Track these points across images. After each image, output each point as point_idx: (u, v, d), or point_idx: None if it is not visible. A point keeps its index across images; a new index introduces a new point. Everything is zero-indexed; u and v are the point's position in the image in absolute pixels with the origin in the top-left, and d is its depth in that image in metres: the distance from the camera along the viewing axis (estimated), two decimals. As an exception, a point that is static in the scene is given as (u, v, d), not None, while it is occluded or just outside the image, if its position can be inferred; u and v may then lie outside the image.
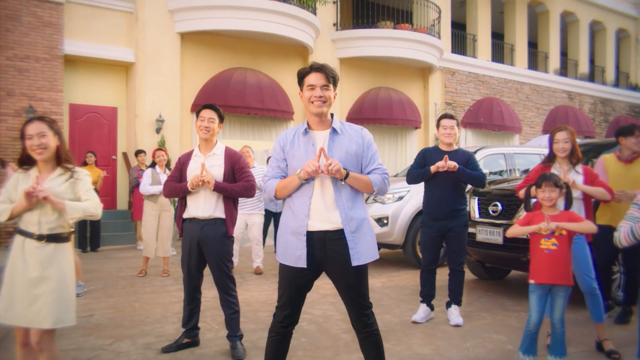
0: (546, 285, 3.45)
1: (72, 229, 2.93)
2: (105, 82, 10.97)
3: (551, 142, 4.08)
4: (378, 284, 6.63)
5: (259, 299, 5.70)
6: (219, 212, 3.90)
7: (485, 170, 8.58)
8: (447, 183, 4.73)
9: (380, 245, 8.01)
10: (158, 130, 10.70)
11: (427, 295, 4.90)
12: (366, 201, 7.84)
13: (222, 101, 11.11)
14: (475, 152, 8.66)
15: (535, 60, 18.73)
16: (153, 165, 7.31)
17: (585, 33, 20.03)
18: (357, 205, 2.80)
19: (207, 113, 3.96)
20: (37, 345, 2.75)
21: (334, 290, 2.99)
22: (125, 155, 10.91)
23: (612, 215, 4.40)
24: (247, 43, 11.98)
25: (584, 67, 19.91)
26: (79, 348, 4.07)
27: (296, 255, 2.75)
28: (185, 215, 3.97)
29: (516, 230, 3.59)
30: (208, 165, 3.89)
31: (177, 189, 3.93)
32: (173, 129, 10.92)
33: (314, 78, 2.79)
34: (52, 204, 2.73)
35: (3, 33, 9.39)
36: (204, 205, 3.88)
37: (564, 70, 19.47)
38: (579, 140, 4.56)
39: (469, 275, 6.83)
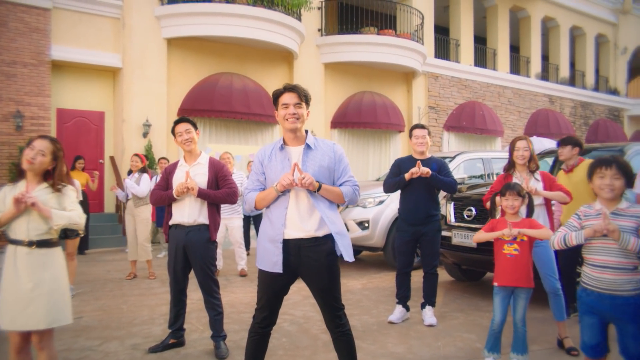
0: (509, 288, 3.71)
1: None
2: (92, 87, 11.10)
3: (511, 151, 4.35)
4: (358, 285, 6.87)
5: (242, 301, 5.91)
6: (203, 218, 4.11)
7: (464, 175, 8.93)
8: (422, 190, 4.97)
9: (362, 248, 8.27)
10: (145, 135, 10.85)
11: (402, 297, 5.13)
12: (347, 206, 8.08)
13: (208, 105, 11.34)
14: (454, 157, 8.96)
15: (517, 64, 19.11)
16: (129, 172, 7.50)
17: (566, 38, 20.47)
18: (331, 215, 3.02)
19: (182, 127, 4.18)
20: (37, 345, 2.94)
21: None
22: (112, 159, 11.04)
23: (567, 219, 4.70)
24: (233, 48, 12.18)
25: (564, 72, 20.34)
26: (69, 349, 4.25)
27: (273, 261, 2.97)
28: (171, 222, 4.17)
29: (481, 236, 3.84)
30: (193, 174, 4.10)
31: (164, 196, 4.13)
32: (160, 134, 11.07)
33: (287, 97, 3.02)
34: (38, 211, 2.91)
35: (-10, 39, 9.51)
36: (189, 212, 4.08)
37: (545, 75, 19.88)
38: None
39: (446, 277, 7.13)
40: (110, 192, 11.04)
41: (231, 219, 7.25)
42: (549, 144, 14.91)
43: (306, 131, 3.13)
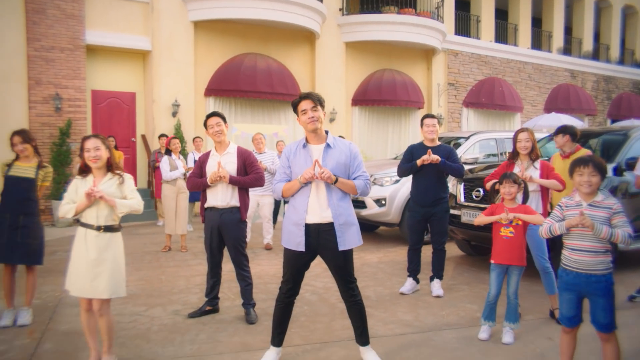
0: (504, 265, 4.20)
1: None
2: (124, 69, 11.68)
3: (515, 141, 4.79)
4: (375, 259, 7.41)
5: (268, 272, 6.51)
6: (234, 201, 4.66)
7: (478, 154, 9.32)
8: (432, 175, 5.45)
9: (378, 224, 8.81)
10: (174, 114, 11.44)
11: (413, 270, 5.66)
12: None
13: (233, 86, 11.84)
14: (468, 137, 9.36)
15: (539, 39, 19.09)
16: (168, 152, 8.04)
17: (591, 10, 20.27)
18: (345, 205, 3.54)
19: (213, 120, 4.71)
20: (98, 312, 3.56)
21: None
22: (144, 137, 11.68)
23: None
24: (257, 30, 12.59)
25: (588, 45, 20.23)
26: (120, 314, 4.89)
27: (297, 242, 3.52)
28: (206, 205, 4.74)
29: (481, 219, 4.32)
30: (223, 163, 4.64)
31: (199, 183, 4.69)
32: (188, 113, 11.64)
33: (304, 104, 3.52)
34: (106, 202, 3.50)
35: (30, 26, 10.08)
36: (222, 196, 4.64)
37: (568, 49, 19.82)
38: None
39: (456, 251, 7.63)
40: (142, 169, 11.76)
41: (263, 197, 7.85)
42: (567, 120, 15.12)
43: (326, 131, 3.63)
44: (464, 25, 16.88)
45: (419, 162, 5.38)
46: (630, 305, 5.24)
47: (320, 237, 3.52)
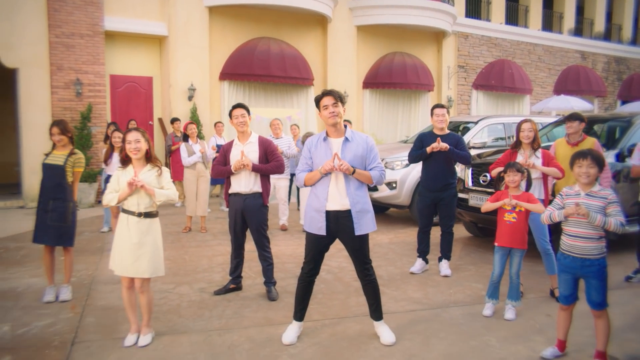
0: (506, 248, 4.54)
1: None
2: (141, 54, 11.99)
3: (518, 131, 5.08)
4: (386, 239, 7.77)
5: (285, 252, 6.88)
6: (257, 187, 5.01)
7: (487, 138, 9.57)
8: (441, 162, 5.76)
9: (390, 206, 9.15)
10: (190, 98, 11.76)
11: (422, 251, 6.01)
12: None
13: (247, 70, 12.12)
14: (477, 121, 9.62)
15: (550, 20, 19.10)
16: (186, 138, 8.39)
17: (603, -10, 20.21)
18: (361, 193, 3.88)
19: (238, 112, 5.04)
20: (140, 289, 3.94)
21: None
22: (160, 120, 12.03)
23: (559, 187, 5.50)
24: (270, 14, 12.81)
25: (599, 26, 20.20)
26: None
27: (318, 227, 3.87)
28: (230, 191, 5.09)
29: (487, 206, 4.65)
30: (246, 152, 4.98)
31: (223, 171, 5.04)
32: (203, 97, 11.96)
33: (326, 100, 3.84)
34: (145, 191, 3.86)
35: (51, 13, 10.38)
36: (245, 183, 4.99)
37: (579, 29, 19.81)
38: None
39: (464, 233, 7.97)
40: (160, 151, 12.12)
41: (279, 180, 8.22)
42: (575, 102, 15.29)
43: (345, 126, 3.95)
44: (475, 7, 16.95)
45: (428, 149, 5.69)
46: (626, 285, 5.58)
47: (339, 223, 3.86)
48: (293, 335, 4.02)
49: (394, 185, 8.69)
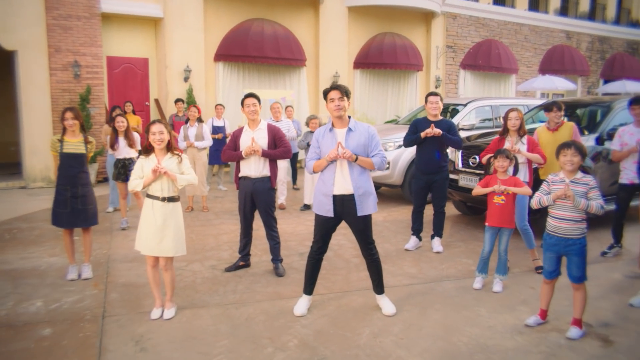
0: (496, 227, 4.99)
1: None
2: (137, 36, 12.15)
3: (505, 119, 5.53)
4: (380, 218, 8.21)
5: (286, 231, 7.28)
6: (266, 171, 5.38)
7: (474, 120, 9.99)
8: (434, 146, 6.17)
9: (383, 185, 9.57)
10: (186, 79, 11.99)
11: (416, 229, 6.46)
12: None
13: (241, 51, 12.35)
14: (466, 104, 10.02)
15: (536, 0, 19.41)
16: (186, 121, 8.69)
17: (588, -30, 20.51)
18: (364, 178, 4.28)
19: (249, 101, 5.39)
20: (164, 267, 4.33)
21: (345, 225, 4.55)
22: (157, 101, 12.26)
23: (554, 170, 5.95)
24: (263, -5, 12.99)
25: (584, 5, 20.57)
26: (165, 268, 5.68)
27: (326, 209, 4.28)
28: (240, 175, 5.45)
29: (478, 190, 5.08)
30: (256, 138, 5.33)
31: (234, 155, 5.39)
32: (199, 78, 12.20)
33: (333, 94, 4.20)
34: (168, 177, 4.22)
35: (48, -5, 10.50)
36: (255, 167, 5.34)
37: (564, 9, 20.16)
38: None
39: (454, 211, 8.43)
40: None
41: (279, 161, 8.51)
42: (560, 82, 15.76)
43: (349, 117, 4.32)
44: (464, -13, 17.19)
45: (422, 134, 6.09)
46: (602, 259, 6.08)
47: (344, 206, 4.27)
48: (304, 308, 4.45)
49: (387, 165, 9.08)
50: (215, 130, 10.08)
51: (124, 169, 7.40)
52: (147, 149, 4.34)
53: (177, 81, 11.97)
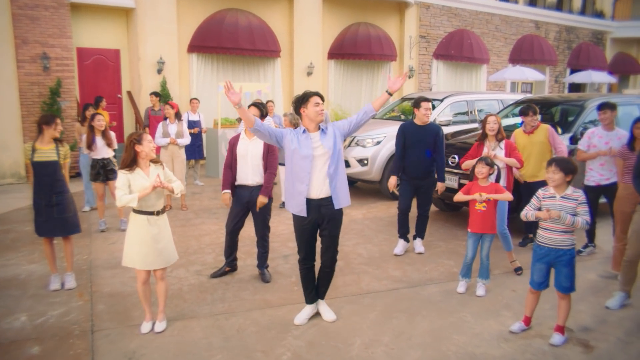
0: (478, 234, 5.11)
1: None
2: (107, 26, 11.84)
3: (484, 124, 5.67)
4: (359, 215, 8.29)
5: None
6: (261, 179, 5.31)
7: (450, 116, 10.08)
8: (422, 151, 6.13)
9: (361, 181, 9.65)
10: (159, 72, 11.77)
11: (403, 233, 6.43)
12: (349, 144, 9.34)
13: (215, 42, 12.18)
14: (442, 99, 10.13)
15: (507, -10, 19.63)
16: (165, 118, 8.56)
17: (556, -40, 20.82)
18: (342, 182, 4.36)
19: (252, 110, 5.34)
20: (161, 277, 4.31)
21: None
22: (129, 94, 12.01)
23: (533, 172, 6.18)
24: (237, -15, 12.78)
25: (552, -5, 20.91)
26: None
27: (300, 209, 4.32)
28: (237, 183, 5.36)
29: (459, 197, 5.18)
30: (252, 146, 5.20)
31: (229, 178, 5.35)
32: (173, 70, 11.98)
33: (317, 98, 4.24)
34: (167, 189, 4.18)
35: (14, -16, 10.11)
36: (252, 175, 5.26)
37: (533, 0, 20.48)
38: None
39: (432, 207, 8.55)
40: (130, 125, 12.14)
41: None
42: (530, 73, 16.05)
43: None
44: (436, -23, 17.24)
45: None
46: (577, 259, 6.27)
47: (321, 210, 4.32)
48: (304, 317, 4.52)
49: (365, 162, 9.18)
50: (191, 124, 9.95)
51: (103, 169, 7.26)
52: (131, 163, 4.24)
53: (150, 73, 11.74)
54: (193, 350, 4.04)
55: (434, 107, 10.03)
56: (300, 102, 4.29)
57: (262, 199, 5.26)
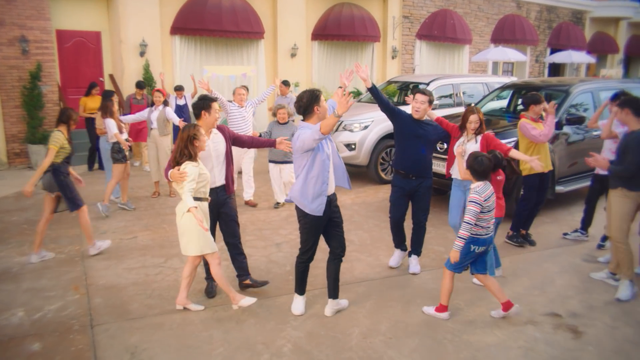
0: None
1: None
2: (88, 8, 11.52)
3: (464, 120, 5.36)
4: (348, 200, 8.36)
5: (259, 218, 7.33)
6: (224, 178, 4.86)
7: (436, 100, 10.11)
8: (419, 149, 5.33)
9: (349, 166, 9.69)
10: (142, 54, 11.55)
11: (398, 242, 5.71)
12: (336, 129, 9.35)
13: (199, 24, 11.98)
14: (428, 82, 10.16)
15: (489, -31, 19.59)
16: (151, 104, 8.46)
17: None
18: None
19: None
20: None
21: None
22: (112, 77, 11.79)
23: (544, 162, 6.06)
24: (220, -35, 12.52)
25: (533, -26, 20.93)
26: (144, 266, 5.65)
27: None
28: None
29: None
30: (214, 143, 4.76)
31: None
32: (155, 53, 11.77)
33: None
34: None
35: (-12, -36, 9.78)
36: (219, 177, 4.79)
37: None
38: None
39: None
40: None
41: (247, 150, 7.73)
42: (512, 54, 16.16)
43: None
44: (419, -44, 17.12)
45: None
46: (563, 242, 6.45)
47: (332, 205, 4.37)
48: (301, 306, 4.59)
49: (353, 146, 9.23)
50: (178, 108, 9.88)
51: (121, 151, 7.44)
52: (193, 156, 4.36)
53: (132, 56, 11.52)
54: (194, 344, 4.09)
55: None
56: (315, 99, 4.23)
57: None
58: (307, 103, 4.24)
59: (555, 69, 22.47)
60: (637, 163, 4.71)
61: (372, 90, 5.26)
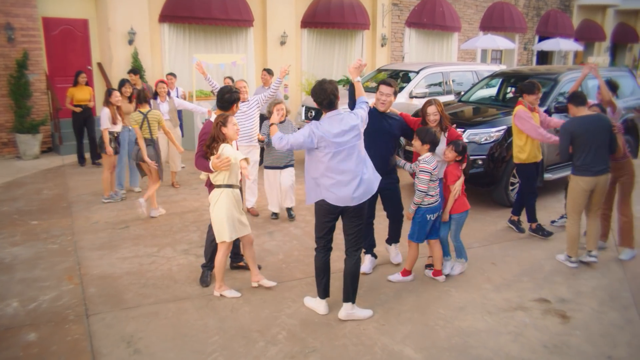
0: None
1: None
2: (74, -6, 11.40)
3: (424, 114, 5.10)
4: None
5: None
6: None
7: (426, 88, 10.19)
8: (385, 142, 5.06)
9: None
10: (130, 42, 11.45)
11: (368, 246, 5.36)
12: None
13: (188, 12, 11.89)
14: (418, 71, 10.21)
15: (478, -45, 19.58)
16: (155, 96, 8.38)
17: None
18: None
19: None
20: (252, 242, 4.84)
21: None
22: (100, 65, 11.67)
23: (530, 153, 6.15)
24: (208, -49, 12.39)
25: (522, -39, 20.95)
26: (136, 255, 5.66)
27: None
28: None
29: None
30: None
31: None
32: (144, 41, 11.66)
33: None
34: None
35: (-30, -51, 9.59)
36: None
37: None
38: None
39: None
40: (99, 97, 11.82)
41: (252, 149, 6.87)
42: (501, 42, 16.23)
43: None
44: (409, -57, 17.05)
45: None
46: (551, 229, 6.53)
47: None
48: (326, 307, 4.48)
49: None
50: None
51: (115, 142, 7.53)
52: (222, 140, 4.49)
53: (121, 44, 11.41)
54: (190, 333, 4.13)
55: (409, 78, 10.15)
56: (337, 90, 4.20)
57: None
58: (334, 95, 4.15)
59: (543, 57, 22.59)
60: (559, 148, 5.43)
61: (352, 85, 4.60)
